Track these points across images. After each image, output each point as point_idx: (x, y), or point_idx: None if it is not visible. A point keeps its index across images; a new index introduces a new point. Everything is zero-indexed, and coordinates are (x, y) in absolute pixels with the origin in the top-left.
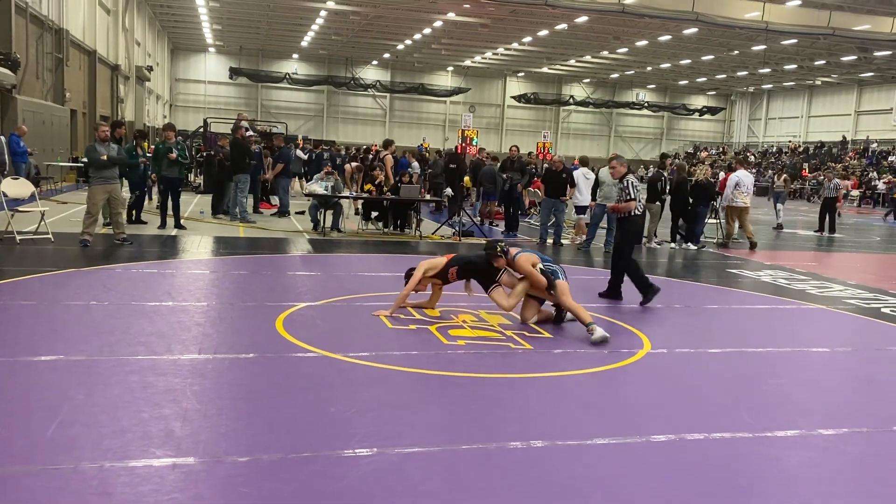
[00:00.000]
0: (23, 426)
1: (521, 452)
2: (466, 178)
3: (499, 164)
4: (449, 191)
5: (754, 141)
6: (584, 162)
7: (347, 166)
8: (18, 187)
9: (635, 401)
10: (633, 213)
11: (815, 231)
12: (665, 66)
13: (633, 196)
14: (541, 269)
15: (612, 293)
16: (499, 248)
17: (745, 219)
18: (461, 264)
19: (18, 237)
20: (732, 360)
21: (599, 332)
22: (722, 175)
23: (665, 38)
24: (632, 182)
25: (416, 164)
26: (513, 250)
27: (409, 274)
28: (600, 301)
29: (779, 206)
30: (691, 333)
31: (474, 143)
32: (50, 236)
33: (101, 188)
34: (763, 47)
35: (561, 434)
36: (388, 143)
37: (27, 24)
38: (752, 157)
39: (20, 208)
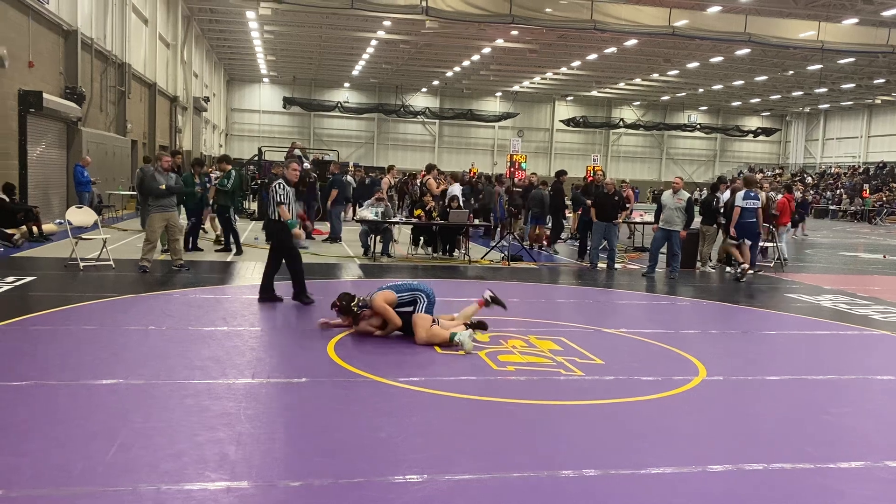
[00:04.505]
0: (83, 449)
1: (573, 481)
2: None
3: (580, 190)
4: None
5: (811, 162)
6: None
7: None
8: (82, 216)
9: (691, 429)
10: (277, 217)
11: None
12: (717, 87)
13: (281, 201)
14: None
15: (268, 294)
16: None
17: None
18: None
19: (82, 264)
20: (792, 388)
21: (467, 342)
22: (779, 197)
23: (717, 59)
24: (282, 184)
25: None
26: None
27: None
28: (655, 327)
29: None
30: (749, 360)
31: (523, 168)
32: (111, 263)
33: (160, 216)
34: (819, 67)
35: (614, 463)
36: (430, 168)
37: (92, 60)
38: (810, 178)
39: (84, 236)
